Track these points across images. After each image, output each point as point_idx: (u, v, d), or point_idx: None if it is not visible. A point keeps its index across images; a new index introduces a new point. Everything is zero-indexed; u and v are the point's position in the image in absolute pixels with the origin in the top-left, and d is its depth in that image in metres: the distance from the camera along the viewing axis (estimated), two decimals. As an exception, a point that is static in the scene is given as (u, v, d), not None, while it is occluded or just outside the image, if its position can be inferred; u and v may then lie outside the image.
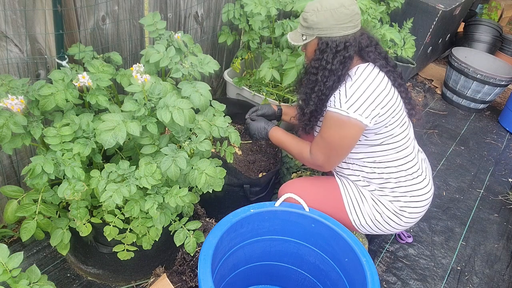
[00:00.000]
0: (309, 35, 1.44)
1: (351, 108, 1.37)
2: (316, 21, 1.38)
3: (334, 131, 1.43)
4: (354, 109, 1.37)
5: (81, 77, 1.24)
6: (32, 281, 1.03)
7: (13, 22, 1.35)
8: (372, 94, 1.39)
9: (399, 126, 1.50)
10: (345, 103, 1.38)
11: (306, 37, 1.45)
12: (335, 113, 1.40)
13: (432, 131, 3.35)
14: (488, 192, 2.76)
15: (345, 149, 1.47)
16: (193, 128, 1.35)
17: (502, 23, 5.22)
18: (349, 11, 1.37)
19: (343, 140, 1.44)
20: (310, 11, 1.39)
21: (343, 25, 1.38)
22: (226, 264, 1.51)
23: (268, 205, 1.50)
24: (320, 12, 1.37)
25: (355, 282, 1.41)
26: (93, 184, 1.23)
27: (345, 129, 1.41)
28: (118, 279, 1.69)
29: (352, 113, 1.37)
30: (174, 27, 2.01)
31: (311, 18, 1.39)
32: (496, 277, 2.13)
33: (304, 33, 1.45)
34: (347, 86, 1.41)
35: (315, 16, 1.38)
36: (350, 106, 1.38)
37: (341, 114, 1.39)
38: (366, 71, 1.44)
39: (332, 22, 1.37)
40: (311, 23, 1.40)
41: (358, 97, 1.38)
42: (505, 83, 3.48)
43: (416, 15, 3.22)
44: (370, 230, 1.63)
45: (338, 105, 1.40)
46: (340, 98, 1.40)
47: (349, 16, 1.38)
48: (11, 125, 1.15)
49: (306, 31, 1.44)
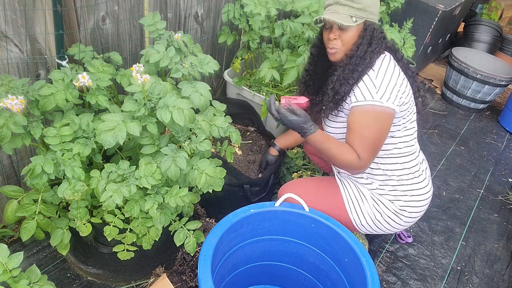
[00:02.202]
0: (360, 17, 1.37)
1: (383, 97, 1.36)
2: (370, 3, 1.35)
3: (374, 126, 1.38)
4: (386, 98, 1.35)
5: (81, 77, 1.24)
6: (32, 281, 1.02)
7: (13, 22, 1.35)
8: (397, 82, 1.39)
9: (411, 121, 1.51)
10: (376, 93, 1.36)
11: (357, 19, 1.37)
12: (369, 106, 1.37)
13: (432, 131, 3.35)
14: (488, 192, 2.76)
15: (383, 140, 1.44)
16: (193, 128, 1.35)
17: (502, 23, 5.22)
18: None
19: (383, 132, 1.41)
20: None
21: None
22: (226, 264, 1.51)
23: (268, 205, 1.50)
24: None
25: (355, 282, 1.41)
26: (93, 184, 1.23)
27: (382, 120, 1.38)
28: (118, 279, 1.69)
29: (385, 102, 1.35)
30: (174, 27, 2.01)
31: (365, 0, 1.35)
32: (496, 277, 2.13)
33: (354, 15, 1.36)
34: (372, 77, 1.39)
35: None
36: (382, 95, 1.36)
37: (375, 105, 1.36)
38: (385, 60, 1.43)
39: (377, 9, 1.37)
40: (365, 4, 1.35)
41: (386, 86, 1.37)
42: (505, 83, 3.48)
43: (416, 15, 3.22)
44: (370, 229, 1.63)
45: (370, 97, 1.37)
46: (369, 90, 1.38)
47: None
48: (11, 125, 1.15)
49: (358, 12, 1.36)
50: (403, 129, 1.49)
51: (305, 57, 1.95)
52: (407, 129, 1.50)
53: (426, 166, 1.68)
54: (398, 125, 1.47)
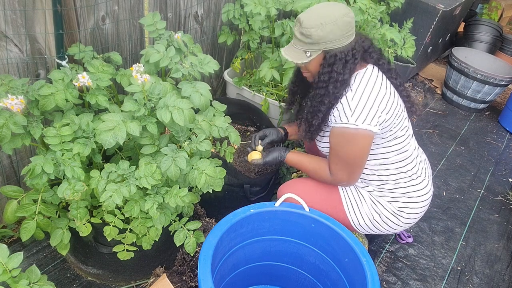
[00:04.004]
0: (314, 50, 1.35)
1: (358, 119, 1.35)
2: (322, 35, 1.31)
3: (348, 147, 1.40)
4: (361, 120, 1.35)
5: (81, 77, 1.24)
6: (32, 281, 1.02)
7: (13, 22, 1.35)
8: (375, 102, 1.37)
9: (401, 129, 1.49)
10: (351, 116, 1.35)
11: (311, 53, 1.36)
12: (344, 128, 1.37)
13: (432, 131, 3.35)
14: (488, 192, 2.76)
15: (363, 159, 1.45)
16: (193, 128, 1.35)
17: (502, 23, 5.22)
18: (350, 18, 1.34)
19: (359, 152, 1.41)
20: (314, 27, 1.30)
21: (346, 34, 1.34)
22: (226, 264, 1.51)
23: (268, 205, 1.50)
24: (324, 25, 1.29)
25: (355, 282, 1.41)
26: (93, 184, 1.23)
27: (357, 141, 1.39)
28: (118, 279, 1.69)
29: (360, 124, 1.35)
30: (174, 27, 2.01)
31: (316, 34, 1.30)
32: (496, 277, 2.13)
33: (308, 49, 1.36)
34: (349, 98, 1.38)
35: (320, 31, 1.30)
36: (357, 117, 1.35)
37: (349, 127, 1.36)
38: (365, 77, 1.41)
39: (338, 33, 1.32)
40: (317, 38, 1.31)
41: (362, 107, 1.35)
42: (505, 83, 3.48)
43: (416, 15, 3.22)
44: (369, 230, 1.63)
45: (345, 119, 1.37)
46: (345, 111, 1.37)
47: (351, 23, 1.34)
48: (11, 125, 1.15)
49: (311, 47, 1.35)
50: (393, 139, 1.48)
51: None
52: (396, 137, 1.49)
53: (426, 166, 1.68)
54: (384, 137, 1.47)
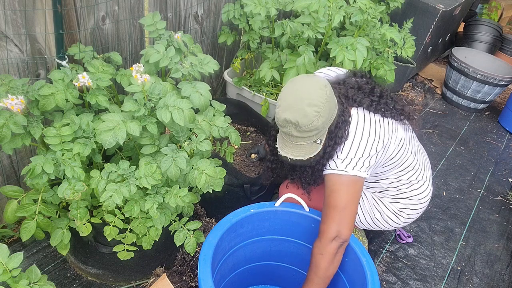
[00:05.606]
0: (322, 134, 1.31)
1: (348, 166, 1.35)
2: (323, 120, 1.25)
3: (339, 192, 1.37)
4: (351, 167, 1.35)
5: (81, 77, 1.24)
6: (32, 281, 1.02)
7: (13, 22, 1.35)
8: (365, 149, 1.35)
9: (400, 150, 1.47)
10: (341, 163, 1.36)
11: (321, 140, 1.31)
12: (335, 175, 1.37)
13: (432, 131, 3.35)
14: (488, 192, 2.76)
15: (354, 204, 1.39)
16: (193, 128, 1.35)
17: (502, 23, 5.22)
18: (324, 81, 1.28)
19: (350, 197, 1.38)
20: (313, 119, 1.23)
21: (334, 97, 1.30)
22: (226, 264, 1.51)
23: (268, 205, 1.50)
24: (321, 111, 1.23)
25: (355, 282, 1.41)
26: (93, 184, 1.23)
27: (349, 186, 1.37)
28: (118, 279, 1.69)
29: (350, 171, 1.35)
30: (174, 27, 2.01)
31: (316, 123, 1.24)
32: (496, 277, 2.13)
33: (317, 138, 1.30)
34: (338, 152, 1.38)
35: (319, 118, 1.24)
36: (347, 165, 1.35)
37: (339, 174, 1.36)
38: (352, 124, 1.38)
39: (333, 108, 1.29)
40: (319, 125, 1.25)
41: (353, 156, 1.35)
42: (505, 83, 3.48)
43: (416, 15, 3.22)
44: (369, 226, 1.69)
45: (334, 166, 1.37)
46: (335, 160, 1.38)
47: (328, 84, 1.29)
48: (11, 125, 1.15)
49: (318, 134, 1.29)
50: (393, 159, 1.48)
51: (305, 57, 1.95)
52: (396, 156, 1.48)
53: (426, 167, 1.68)
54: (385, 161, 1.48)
